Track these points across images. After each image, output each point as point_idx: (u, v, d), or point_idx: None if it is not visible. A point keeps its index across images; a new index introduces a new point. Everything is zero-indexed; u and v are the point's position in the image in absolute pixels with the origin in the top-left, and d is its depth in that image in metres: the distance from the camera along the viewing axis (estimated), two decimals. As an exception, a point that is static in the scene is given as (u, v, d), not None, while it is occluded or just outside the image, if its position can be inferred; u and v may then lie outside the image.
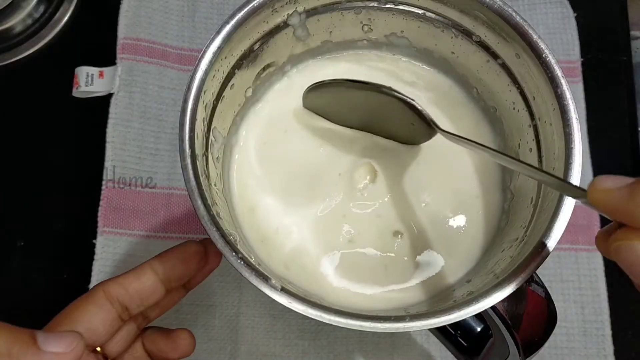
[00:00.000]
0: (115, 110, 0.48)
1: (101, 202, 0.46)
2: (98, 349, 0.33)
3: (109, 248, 0.45)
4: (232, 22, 0.31)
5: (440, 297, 0.32)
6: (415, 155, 0.36)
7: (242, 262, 0.27)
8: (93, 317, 0.32)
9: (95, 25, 0.52)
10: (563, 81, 0.29)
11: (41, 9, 0.51)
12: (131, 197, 0.46)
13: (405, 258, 0.35)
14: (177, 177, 0.47)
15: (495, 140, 0.36)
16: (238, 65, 0.33)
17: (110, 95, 0.48)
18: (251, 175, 0.36)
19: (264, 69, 0.36)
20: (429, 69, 0.38)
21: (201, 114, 0.30)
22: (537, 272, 0.27)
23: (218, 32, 0.30)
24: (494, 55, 0.33)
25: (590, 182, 0.23)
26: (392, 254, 0.35)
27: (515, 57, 0.32)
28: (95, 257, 0.45)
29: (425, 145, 0.36)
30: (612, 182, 0.22)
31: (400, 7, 0.34)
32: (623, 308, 0.46)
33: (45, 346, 0.28)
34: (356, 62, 0.39)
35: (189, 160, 0.28)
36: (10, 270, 0.46)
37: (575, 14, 0.52)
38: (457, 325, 0.36)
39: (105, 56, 0.49)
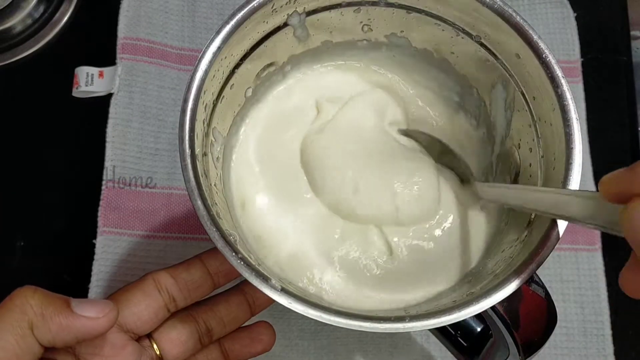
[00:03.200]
0: (115, 110, 0.48)
1: (101, 202, 0.46)
2: (157, 350, 0.33)
3: (109, 248, 0.45)
4: (232, 22, 0.31)
5: (439, 297, 0.32)
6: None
7: (242, 262, 0.27)
8: (139, 302, 0.32)
9: (95, 25, 0.52)
10: (563, 81, 0.29)
11: (41, 9, 0.51)
12: (131, 197, 0.46)
13: (405, 258, 0.35)
14: (177, 177, 0.47)
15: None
16: (238, 66, 0.33)
17: (110, 95, 0.48)
18: (250, 175, 0.36)
19: (264, 69, 0.36)
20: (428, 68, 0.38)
21: (201, 114, 0.30)
22: (537, 272, 0.27)
23: (218, 32, 0.30)
24: (494, 55, 0.33)
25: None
26: (392, 254, 0.35)
27: (515, 57, 0.32)
28: (95, 257, 0.45)
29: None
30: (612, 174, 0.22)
31: (400, 7, 0.34)
32: (623, 308, 0.46)
33: (78, 310, 0.28)
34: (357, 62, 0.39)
35: (189, 160, 0.28)
36: (10, 270, 0.46)
37: (575, 14, 0.52)
38: (457, 325, 0.36)
39: (105, 56, 0.49)
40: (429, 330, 0.40)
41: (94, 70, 0.49)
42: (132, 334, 0.32)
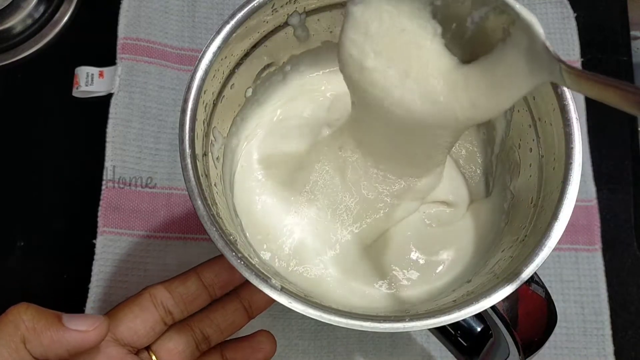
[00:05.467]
0: (115, 110, 0.48)
1: (101, 202, 0.46)
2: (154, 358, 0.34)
3: (109, 248, 0.45)
4: (232, 22, 0.31)
5: (440, 297, 0.32)
6: None
7: (242, 262, 0.27)
8: (136, 317, 0.33)
9: (95, 25, 0.52)
10: (563, 81, 0.29)
11: (41, 9, 0.51)
12: (131, 197, 0.46)
13: (405, 258, 0.35)
14: (177, 177, 0.47)
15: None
16: (238, 65, 0.33)
17: (110, 95, 0.48)
18: (251, 175, 0.36)
19: (264, 69, 0.36)
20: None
21: (201, 114, 0.30)
22: (537, 272, 0.27)
23: (218, 32, 0.30)
24: (494, 55, 0.33)
25: None
26: (392, 254, 0.35)
27: (515, 57, 0.32)
28: (95, 257, 0.45)
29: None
30: None
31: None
32: (623, 308, 0.46)
33: (69, 324, 0.30)
34: None
35: (189, 160, 0.28)
36: (10, 270, 0.46)
37: (575, 14, 0.52)
38: (457, 325, 0.37)
39: (105, 56, 0.49)
40: (429, 330, 0.40)
41: (94, 70, 0.49)
42: (130, 347, 0.33)
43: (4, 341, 0.29)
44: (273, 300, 0.26)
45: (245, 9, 0.31)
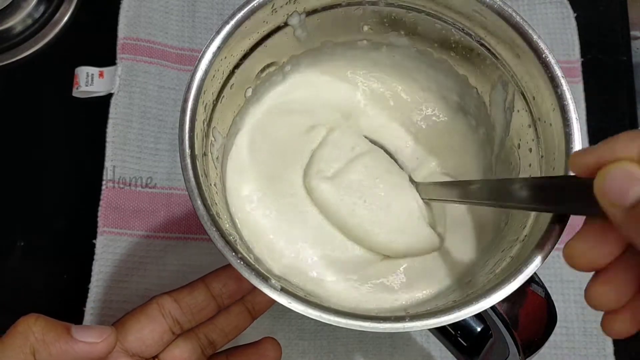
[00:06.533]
0: (115, 110, 0.48)
1: (101, 202, 0.46)
2: None
3: (109, 248, 0.45)
4: (232, 22, 0.31)
5: (440, 297, 0.32)
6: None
7: (242, 262, 0.27)
8: (144, 327, 0.33)
9: (95, 25, 0.52)
10: (563, 81, 0.29)
11: (41, 9, 0.51)
12: (131, 197, 0.46)
13: (407, 259, 0.35)
14: (177, 177, 0.47)
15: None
16: (238, 65, 0.33)
17: (110, 95, 0.48)
18: (250, 176, 0.36)
19: (263, 69, 0.36)
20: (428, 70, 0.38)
21: (201, 114, 0.30)
22: (537, 272, 0.27)
23: (218, 32, 0.30)
24: (494, 55, 0.33)
25: None
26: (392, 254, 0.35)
27: (515, 57, 0.32)
28: (95, 257, 0.45)
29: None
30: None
31: (400, 7, 0.34)
32: (623, 308, 0.46)
33: (77, 335, 0.30)
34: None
35: (189, 160, 0.28)
36: (10, 270, 0.46)
37: (575, 14, 0.52)
38: (457, 325, 0.36)
39: (105, 56, 0.49)
40: (429, 330, 0.40)
41: (94, 70, 0.49)
42: (138, 357, 0.33)
43: (13, 352, 0.29)
44: (274, 300, 0.27)
45: (245, 9, 0.31)
